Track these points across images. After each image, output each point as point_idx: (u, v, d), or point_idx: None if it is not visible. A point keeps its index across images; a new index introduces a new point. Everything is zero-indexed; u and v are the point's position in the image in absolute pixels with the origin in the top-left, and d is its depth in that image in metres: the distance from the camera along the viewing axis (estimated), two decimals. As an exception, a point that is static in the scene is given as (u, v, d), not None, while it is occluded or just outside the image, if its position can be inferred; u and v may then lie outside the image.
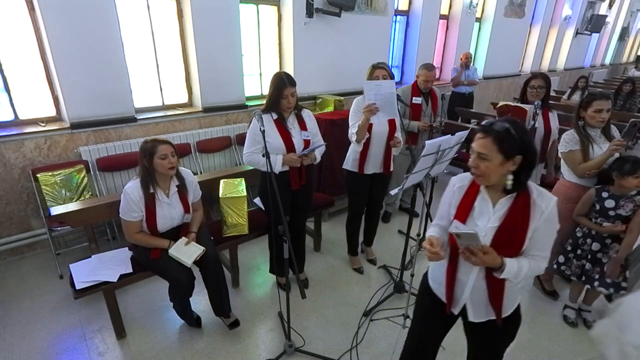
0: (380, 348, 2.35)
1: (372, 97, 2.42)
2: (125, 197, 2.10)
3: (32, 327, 2.46)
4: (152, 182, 2.12)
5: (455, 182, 1.51)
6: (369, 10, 5.06)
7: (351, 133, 2.63)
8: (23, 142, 2.97)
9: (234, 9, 3.79)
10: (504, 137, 1.29)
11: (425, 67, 3.35)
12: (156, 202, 2.14)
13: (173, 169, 2.12)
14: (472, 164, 1.36)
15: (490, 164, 1.31)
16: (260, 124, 2.03)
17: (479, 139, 1.34)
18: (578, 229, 2.47)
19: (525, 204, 1.35)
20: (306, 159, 2.41)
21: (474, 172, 1.38)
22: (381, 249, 3.34)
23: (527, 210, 1.34)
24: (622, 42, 13.59)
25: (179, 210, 2.24)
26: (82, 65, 3.06)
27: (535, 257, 1.39)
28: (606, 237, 2.32)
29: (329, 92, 4.93)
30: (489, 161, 1.31)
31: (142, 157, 2.08)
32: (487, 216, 1.39)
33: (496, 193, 1.39)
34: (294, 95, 2.31)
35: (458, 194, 1.47)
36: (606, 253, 2.32)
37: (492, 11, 7.23)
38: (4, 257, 3.14)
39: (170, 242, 2.18)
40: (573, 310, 2.62)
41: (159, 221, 2.16)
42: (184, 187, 2.26)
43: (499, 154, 1.30)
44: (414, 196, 2.54)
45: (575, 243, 2.46)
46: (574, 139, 2.43)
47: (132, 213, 2.11)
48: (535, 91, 2.88)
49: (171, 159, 2.09)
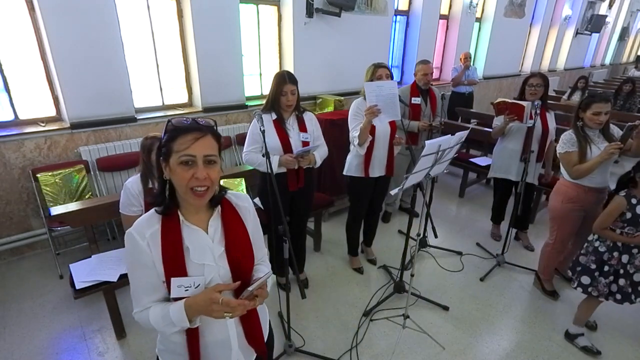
0: (380, 348, 2.35)
1: (374, 98, 2.40)
2: (125, 192, 2.12)
3: (32, 327, 2.46)
4: (152, 177, 2.14)
5: (143, 234, 1.05)
6: (369, 10, 5.07)
7: (352, 137, 2.58)
8: (23, 142, 2.97)
9: (234, 9, 3.79)
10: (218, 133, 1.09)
11: (422, 62, 3.39)
12: None
13: None
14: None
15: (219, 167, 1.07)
16: (260, 124, 2.03)
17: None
18: (599, 243, 2.21)
19: (233, 212, 1.15)
20: (303, 161, 2.37)
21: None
22: (381, 249, 3.34)
23: (239, 217, 1.16)
24: (622, 42, 13.58)
25: None
26: (82, 65, 3.06)
27: (263, 260, 1.25)
28: (633, 247, 2.12)
29: (329, 92, 4.93)
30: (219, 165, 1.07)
31: (142, 152, 2.11)
32: (207, 247, 1.08)
33: (199, 215, 1.11)
34: (294, 94, 2.30)
35: (154, 245, 1.04)
36: (632, 264, 2.13)
37: (492, 11, 7.23)
38: (4, 257, 3.14)
39: None
40: (584, 337, 2.37)
41: None
42: None
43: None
44: (414, 196, 2.54)
45: (600, 259, 2.19)
46: (572, 140, 2.42)
47: (131, 207, 2.13)
48: (534, 89, 2.89)
49: None
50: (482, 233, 3.71)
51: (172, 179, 1.04)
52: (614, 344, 2.41)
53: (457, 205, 4.40)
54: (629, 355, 2.35)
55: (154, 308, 1.06)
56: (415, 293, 2.74)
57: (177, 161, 1.00)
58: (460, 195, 4.58)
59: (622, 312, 2.60)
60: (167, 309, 1.03)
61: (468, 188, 4.66)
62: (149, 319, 1.05)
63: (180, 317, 1.02)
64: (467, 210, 4.27)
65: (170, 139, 1.02)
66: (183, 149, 1.00)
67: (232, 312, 1.01)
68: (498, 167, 3.27)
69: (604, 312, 2.53)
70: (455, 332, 2.50)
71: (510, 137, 3.11)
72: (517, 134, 3.05)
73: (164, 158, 1.04)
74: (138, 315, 1.08)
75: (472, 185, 4.86)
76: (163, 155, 1.04)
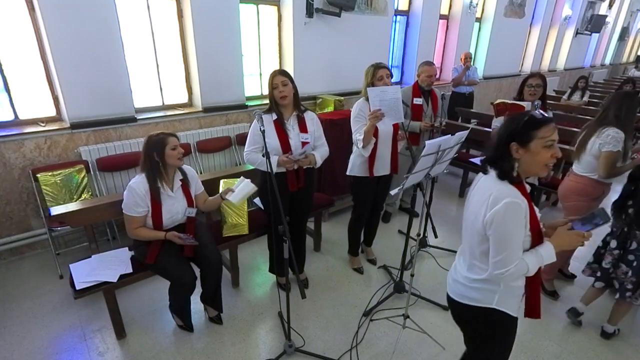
0: (380, 348, 2.35)
1: (377, 103, 2.40)
2: (130, 193, 2.12)
3: (32, 327, 2.46)
4: (159, 176, 2.15)
5: (519, 202, 1.32)
6: (369, 10, 5.07)
7: (356, 139, 2.58)
8: (23, 142, 2.97)
9: (234, 9, 3.79)
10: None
11: (425, 64, 3.37)
12: (161, 196, 2.17)
13: (182, 159, 2.20)
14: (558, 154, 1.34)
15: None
16: (260, 124, 2.04)
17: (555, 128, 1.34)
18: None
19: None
20: (304, 161, 2.38)
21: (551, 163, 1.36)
22: (381, 249, 3.34)
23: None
24: (622, 42, 13.59)
25: (182, 204, 2.26)
26: (82, 65, 3.06)
27: None
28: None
29: (329, 92, 4.93)
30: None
31: (152, 150, 2.11)
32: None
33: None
34: (285, 84, 2.29)
35: (526, 211, 1.34)
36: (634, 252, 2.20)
37: (492, 11, 7.23)
38: (4, 257, 3.14)
39: (165, 233, 2.18)
40: (579, 314, 2.51)
41: (164, 216, 2.18)
42: (187, 181, 2.32)
43: None
44: (414, 196, 2.54)
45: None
46: (621, 139, 2.35)
47: (136, 208, 2.13)
48: (533, 89, 2.89)
49: (180, 149, 2.18)
50: (482, 233, 3.70)
51: (525, 158, 1.33)
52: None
53: (457, 205, 4.40)
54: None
55: (525, 258, 1.35)
56: (415, 293, 2.74)
57: (541, 145, 1.30)
58: (460, 195, 4.58)
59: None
60: (538, 251, 1.36)
61: (468, 188, 4.64)
62: (527, 266, 1.34)
63: (550, 254, 1.35)
64: (467, 210, 4.26)
65: (533, 128, 1.30)
66: (547, 136, 1.29)
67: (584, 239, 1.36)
68: None
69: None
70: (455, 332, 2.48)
71: None
72: None
73: (522, 142, 1.31)
74: (516, 268, 1.34)
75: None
76: (520, 140, 1.31)
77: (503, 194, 1.32)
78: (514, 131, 1.32)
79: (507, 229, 1.32)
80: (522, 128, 1.31)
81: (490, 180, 1.39)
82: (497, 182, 1.36)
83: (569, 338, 2.47)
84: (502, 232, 1.32)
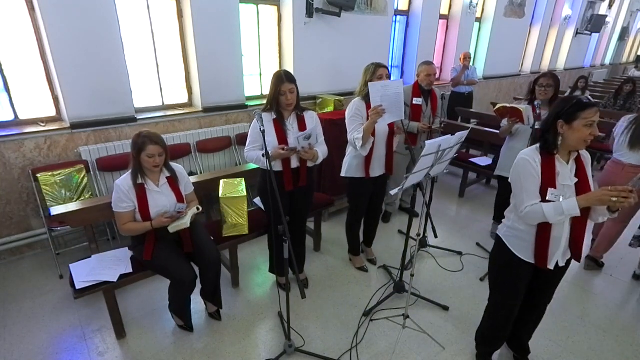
0: (380, 348, 2.35)
1: (379, 99, 2.38)
2: (116, 189, 2.14)
3: (32, 327, 2.46)
4: (142, 173, 2.16)
5: (533, 158, 1.68)
6: (369, 10, 5.07)
7: (354, 138, 2.54)
8: (23, 142, 2.97)
9: (234, 9, 3.79)
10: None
11: (425, 63, 3.36)
12: (147, 191, 2.17)
13: (157, 167, 2.16)
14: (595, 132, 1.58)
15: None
16: (260, 124, 2.03)
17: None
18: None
19: (579, 158, 1.70)
20: (306, 155, 2.33)
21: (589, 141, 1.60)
22: (381, 249, 3.34)
23: (583, 162, 1.71)
24: (622, 42, 13.59)
25: (170, 199, 2.23)
26: (82, 65, 3.06)
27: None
28: None
29: (329, 92, 4.93)
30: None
31: (133, 149, 2.12)
32: (567, 176, 1.68)
33: (568, 154, 1.70)
34: (292, 92, 2.29)
35: (538, 167, 1.68)
36: None
37: (492, 11, 7.23)
38: (4, 257, 3.14)
39: (151, 222, 2.16)
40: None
41: (151, 210, 2.18)
42: (175, 178, 2.28)
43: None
44: (414, 196, 2.54)
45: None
46: None
47: (121, 204, 2.14)
48: (544, 90, 2.88)
49: (157, 159, 2.12)
50: (482, 233, 3.71)
51: (567, 134, 1.61)
52: None
53: (457, 205, 4.40)
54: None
55: (542, 205, 1.64)
56: (415, 293, 2.74)
57: (582, 124, 1.56)
58: (460, 195, 4.59)
59: None
60: (559, 204, 1.62)
61: (468, 188, 4.66)
62: (542, 211, 1.63)
63: (572, 207, 1.60)
64: (467, 210, 4.27)
65: (579, 110, 1.57)
66: (589, 117, 1.55)
67: (627, 198, 1.51)
68: (504, 166, 3.27)
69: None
70: (455, 332, 2.50)
71: (516, 137, 3.13)
72: (523, 134, 3.07)
73: (567, 120, 1.59)
74: (530, 209, 1.67)
75: (472, 185, 4.86)
76: (566, 118, 1.60)
77: (522, 154, 1.69)
78: (562, 110, 1.60)
79: (519, 178, 1.70)
80: (571, 108, 1.58)
81: (528, 149, 1.73)
82: (530, 148, 1.72)
83: (569, 338, 2.47)
84: (514, 180, 1.74)
